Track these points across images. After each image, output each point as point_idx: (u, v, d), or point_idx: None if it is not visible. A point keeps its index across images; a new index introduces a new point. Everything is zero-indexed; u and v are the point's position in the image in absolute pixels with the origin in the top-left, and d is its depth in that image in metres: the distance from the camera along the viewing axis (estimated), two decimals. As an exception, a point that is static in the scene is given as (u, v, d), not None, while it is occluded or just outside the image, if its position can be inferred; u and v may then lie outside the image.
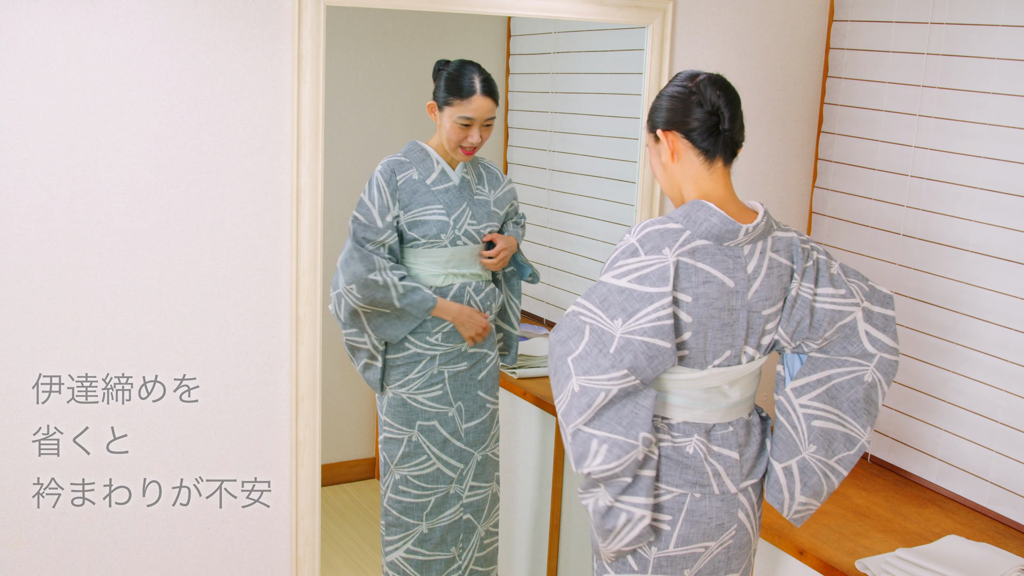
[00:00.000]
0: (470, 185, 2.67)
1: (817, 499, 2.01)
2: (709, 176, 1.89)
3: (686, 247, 1.83)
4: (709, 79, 1.88)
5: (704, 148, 1.88)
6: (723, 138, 1.87)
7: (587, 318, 1.83)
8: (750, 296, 1.88)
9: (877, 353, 1.98)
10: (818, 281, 1.94)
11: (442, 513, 2.70)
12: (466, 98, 2.56)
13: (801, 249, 1.94)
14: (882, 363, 1.98)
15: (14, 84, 1.94)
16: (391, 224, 2.54)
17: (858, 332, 1.96)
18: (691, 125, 1.87)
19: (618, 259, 1.84)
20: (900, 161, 2.75)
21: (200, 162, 2.11)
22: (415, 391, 2.64)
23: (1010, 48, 2.46)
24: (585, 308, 1.84)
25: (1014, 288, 2.48)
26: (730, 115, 1.87)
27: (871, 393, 1.99)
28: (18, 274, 2.00)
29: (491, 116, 2.60)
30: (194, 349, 2.17)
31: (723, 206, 1.88)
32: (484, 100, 2.57)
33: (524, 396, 3.05)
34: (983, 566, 2.21)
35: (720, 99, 1.86)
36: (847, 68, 2.90)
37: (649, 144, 1.97)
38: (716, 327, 1.86)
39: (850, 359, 1.97)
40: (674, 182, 1.93)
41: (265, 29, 2.12)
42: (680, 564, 1.94)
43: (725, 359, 1.90)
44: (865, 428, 2.00)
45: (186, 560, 2.24)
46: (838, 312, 1.95)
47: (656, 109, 1.92)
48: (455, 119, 2.56)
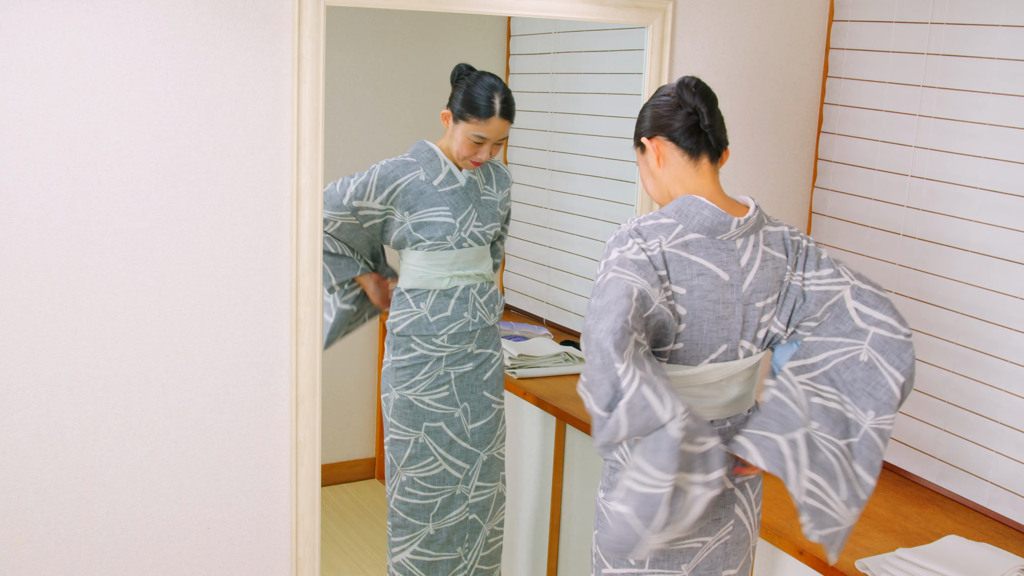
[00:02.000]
0: (477, 186, 2.67)
1: (833, 485, 1.87)
2: (696, 174, 1.94)
3: (679, 240, 1.86)
4: (682, 83, 1.94)
5: (688, 147, 1.93)
6: (705, 136, 1.93)
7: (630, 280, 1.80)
8: (744, 288, 1.91)
9: (869, 329, 1.94)
10: (806, 266, 1.98)
11: (448, 514, 2.70)
12: (484, 119, 2.54)
13: (792, 241, 1.98)
14: (876, 340, 1.94)
15: (14, 84, 1.94)
16: (352, 208, 2.53)
17: (847, 310, 1.96)
18: (673, 127, 1.93)
19: (623, 240, 1.86)
20: (900, 161, 2.75)
21: (200, 162, 2.11)
22: (422, 392, 2.64)
23: (1010, 48, 2.46)
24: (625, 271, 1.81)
25: (1014, 288, 2.48)
26: (707, 111, 1.92)
27: (871, 374, 1.94)
28: (18, 274, 2.00)
29: (505, 136, 2.59)
30: (194, 349, 2.17)
31: (712, 201, 1.92)
32: (501, 123, 2.56)
33: (525, 396, 3.05)
34: (983, 566, 2.22)
35: (696, 98, 1.92)
36: (847, 68, 2.90)
37: (637, 159, 2.02)
38: (711, 320, 1.88)
39: (843, 340, 1.96)
40: (663, 186, 1.97)
41: (265, 29, 2.12)
42: (677, 559, 1.95)
43: (722, 353, 1.91)
44: (866, 411, 1.93)
45: (186, 560, 2.24)
46: (825, 292, 1.96)
47: (640, 121, 1.99)
48: (469, 135, 2.55)
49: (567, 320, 3.33)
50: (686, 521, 1.76)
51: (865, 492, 1.92)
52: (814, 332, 1.98)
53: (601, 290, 1.78)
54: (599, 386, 1.72)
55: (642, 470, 1.73)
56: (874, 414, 1.93)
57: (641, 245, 1.84)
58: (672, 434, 1.70)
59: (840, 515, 1.89)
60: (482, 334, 2.69)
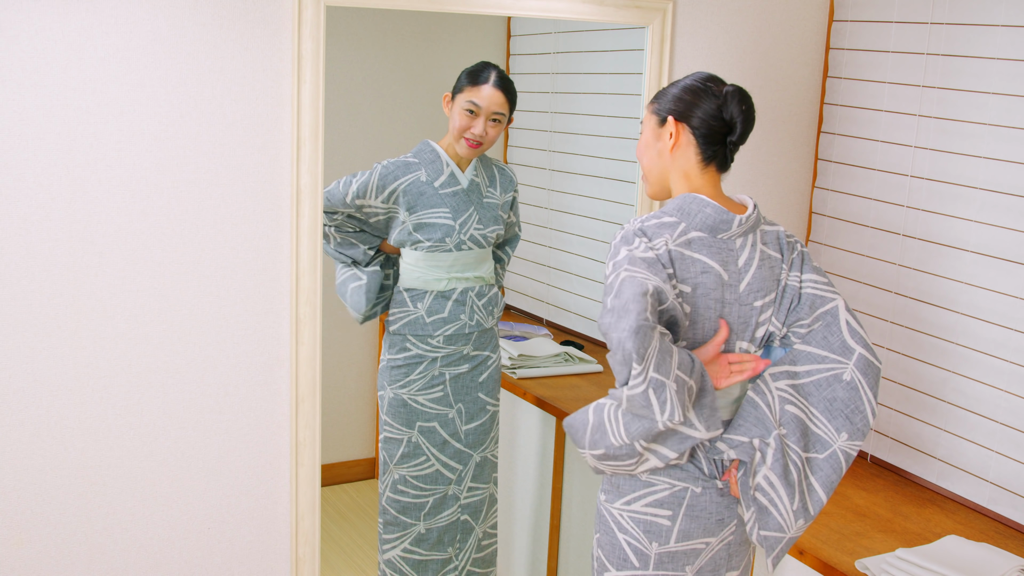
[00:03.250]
0: (479, 188, 2.67)
1: (788, 491, 1.90)
2: (701, 174, 1.94)
3: (683, 238, 1.87)
4: (738, 92, 1.92)
5: (706, 151, 1.93)
6: (726, 148, 1.93)
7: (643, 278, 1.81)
8: (742, 288, 1.91)
9: (856, 349, 1.95)
10: (803, 269, 1.99)
11: (440, 514, 2.70)
12: (478, 85, 2.58)
13: (787, 242, 1.99)
14: (861, 362, 1.95)
15: (14, 84, 1.94)
16: (356, 207, 2.55)
17: (839, 320, 1.96)
18: (704, 128, 1.91)
19: (629, 239, 1.87)
20: (900, 161, 2.75)
21: (200, 162, 2.11)
22: (416, 392, 2.64)
23: (1010, 48, 2.46)
24: (636, 270, 1.82)
25: (1014, 288, 2.48)
26: (742, 131, 1.92)
27: (852, 396, 1.94)
28: (18, 274, 2.00)
29: (499, 111, 2.60)
30: (194, 349, 2.17)
31: (713, 199, 1.92)
32: (495, 91, 2.59)
33: (524, 396, 3.05)
34: (983, 566, 2.22)
35: (740, 116, 1.91)
36: (847, 68, 2.90)
37: (648, 125, 1.98)
38: (712, 318, 1.89)
39: (830, 355, 1.96)
40: (663, 169, 1.96)
41: (265, 29, 2.12)
42: (681, 560, 1.95)
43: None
44: (839, 432, 1.94)
45: (186, 560, 2.24)
46: (820, 297, 1.96)
47: (673, 98, 1.94)
48: (463, 104, 2.58)
49: (567, 320, 3.33)
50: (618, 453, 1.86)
51: (815, 508, 1.95)
52: (803, 340, 1.98)
53: (616, 289, 1.79)
54: (618, 375, 1.80)
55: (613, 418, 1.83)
56: (847, 436, 1.95)
57: (648, 244, 1.84)
58: (658, 427, 1.79)
59: (786, 522, 1.92)
60: (479, 336, 2.69)
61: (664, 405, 1.75)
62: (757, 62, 2.83)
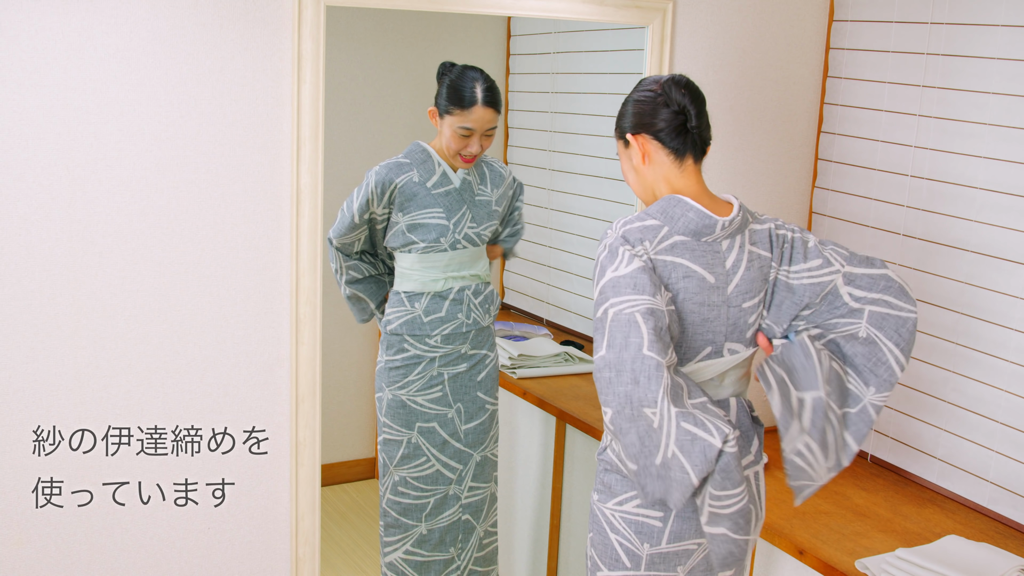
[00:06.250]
0: (472, 186, 2.66)
1: (824, 451, 1.94)
2: (681, 174, 1.93)
3: (664, 243, 1.86)
4: (673, 80, 1.93)
5: (674, 147, 1.92)
6: (691, 136, 1.92)
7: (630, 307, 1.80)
8: (730, 291, 1.91)
9: (864, 307, 1.95)
10: (792, 260, 1.97)
11: (441, 514, 2.70)
12: (467, 108, 2.52)
13: (777, 236, 1.98)
14: (874, 317, 1.95)
15: (14, 84, 1.94)
16: (366, 221, 2.56)
17: (840, 295, 1.96)
18: (659, 126, 1.91)
19: (614, 253, 1.85)
20: (900, 161, 2.75)
21: (200, 162, 2.11)
22: (414, 393, 2.64)
23: (1010, 48, 2.46)
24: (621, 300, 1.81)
25: (1014, 288, 2.48)
26: (696, 112, 1.91)
27: (871, 349, 1.96)
28: (18, 274, 2.00)
29: (492, 126, 2.57)
30: (194, 349, 2.17)
31: (697, 200, 1.91)
32: (485, 111, 2.53)
33: (524, 396, 3.05)
34: (983, 566, 2.22)
35: (685, 98, 1.91)
36: (847, 68, 2.90)
37: (619, 151, 2.01)
38: (697, 322, 1.89)
39: (840, 320, 1.97)
40: (646, 184, 1.97)
41: (265, 29, 2.12)
42: (673, 561, 1.95)
43: (706, 355, 1.92)
44: (868, 386, 1.97)
45: (186, 560, 2.24)
46: (817, 284, 1.96)
47: (623, 115, 1.98)
48: (455, 128, 2.53)
49: (567, 320, 3.33)
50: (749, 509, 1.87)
51: (848, 458, 1.99)
52: (808, 319, 1.99)
53: (608, 333, 1.78)
54: (626, 435, 1.79)
55: (717, 496, 1.81)
56: (875, 390, 1.97)
57: (631, 252, 1.83)
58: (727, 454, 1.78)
59: (819, 475, 1.96)
60: (476, 335, 2.69)
61: (707, 429, 1.76)
62: (757, 62, 2.83)
